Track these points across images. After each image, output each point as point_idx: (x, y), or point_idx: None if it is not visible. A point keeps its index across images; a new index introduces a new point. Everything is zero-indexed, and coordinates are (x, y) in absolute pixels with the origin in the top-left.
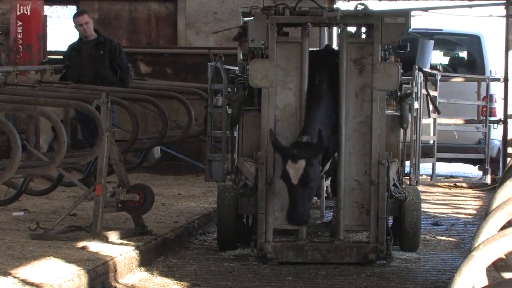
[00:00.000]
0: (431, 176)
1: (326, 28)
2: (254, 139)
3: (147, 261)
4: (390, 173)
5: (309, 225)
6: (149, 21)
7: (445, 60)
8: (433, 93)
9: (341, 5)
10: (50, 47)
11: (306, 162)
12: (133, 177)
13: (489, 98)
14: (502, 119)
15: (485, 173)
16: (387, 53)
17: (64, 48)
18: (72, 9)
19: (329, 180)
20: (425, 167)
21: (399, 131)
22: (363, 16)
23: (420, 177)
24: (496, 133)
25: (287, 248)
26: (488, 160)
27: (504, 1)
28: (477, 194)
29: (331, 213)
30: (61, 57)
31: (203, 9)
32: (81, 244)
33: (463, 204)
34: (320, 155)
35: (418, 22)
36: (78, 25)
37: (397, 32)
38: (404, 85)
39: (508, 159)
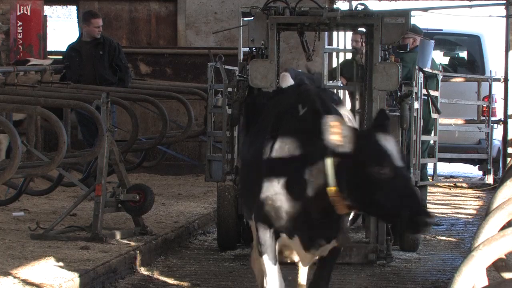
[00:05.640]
0: (433, 176)
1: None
2: None
3: (147, 261)
4: None
5: None
6: (149, 21)
7: (445, 60)
8: (434, 93)
9: (341, 5)
10: (50, 47)
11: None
12: (133, 177)
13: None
14: (502, 119)
15: (487, 173)
16: (387, 53)
17: (64, 48)
18: (72, 9)
19: None
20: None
21: (399, 131)
22: (363, 16)
23: None
24: (496, 133)
25: None
26: (491, 160)
27: (504, 1)
28: (477, 194)
29: None
30: (61, 57)
31: (203, 9)
32: (81, 244)
33: (463, 204)
34: None
35: (418, 22)
36: (95, 27)
37: (397, 32)
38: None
39: (508, 159)
